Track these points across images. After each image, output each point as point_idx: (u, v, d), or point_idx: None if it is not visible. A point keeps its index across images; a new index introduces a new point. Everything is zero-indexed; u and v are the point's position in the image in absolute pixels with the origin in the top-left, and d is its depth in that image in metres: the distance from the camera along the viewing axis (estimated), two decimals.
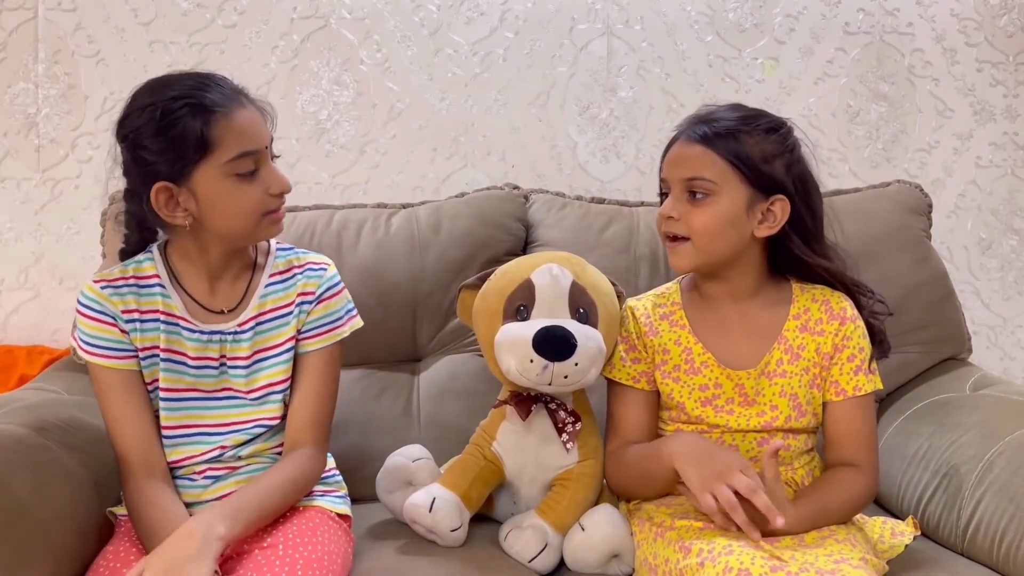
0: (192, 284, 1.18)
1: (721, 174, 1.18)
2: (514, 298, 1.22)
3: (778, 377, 1.22)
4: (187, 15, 1.87)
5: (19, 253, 1.89)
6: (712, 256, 1.21)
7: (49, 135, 1.88)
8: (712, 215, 1.18)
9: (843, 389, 1.22)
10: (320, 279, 1.22)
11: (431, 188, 1.90)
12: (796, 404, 1.22)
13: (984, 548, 1.18)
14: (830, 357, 1.23)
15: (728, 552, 1.01)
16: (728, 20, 1.93)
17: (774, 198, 1.20)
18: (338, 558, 1.12)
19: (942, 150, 1.97)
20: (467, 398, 1.51)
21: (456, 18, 1.90)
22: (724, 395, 1.23)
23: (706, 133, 1.20)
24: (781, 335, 1.23)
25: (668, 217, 1.21)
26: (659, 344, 1.26)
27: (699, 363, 1.24)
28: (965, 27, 1.95)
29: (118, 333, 1.14)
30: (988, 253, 1.99)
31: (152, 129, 1.07)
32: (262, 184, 1.12)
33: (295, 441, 1.19)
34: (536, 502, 1.25)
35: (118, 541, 1.12)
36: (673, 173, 1.22)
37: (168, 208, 1.10)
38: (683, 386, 1.24)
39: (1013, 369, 1.99)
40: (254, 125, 1.11)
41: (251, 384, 1.19)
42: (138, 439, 1.14)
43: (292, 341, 1.20)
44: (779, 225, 1.21)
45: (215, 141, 1.07)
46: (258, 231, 1.14)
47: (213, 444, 1.18)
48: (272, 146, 1.15)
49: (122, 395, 1.14)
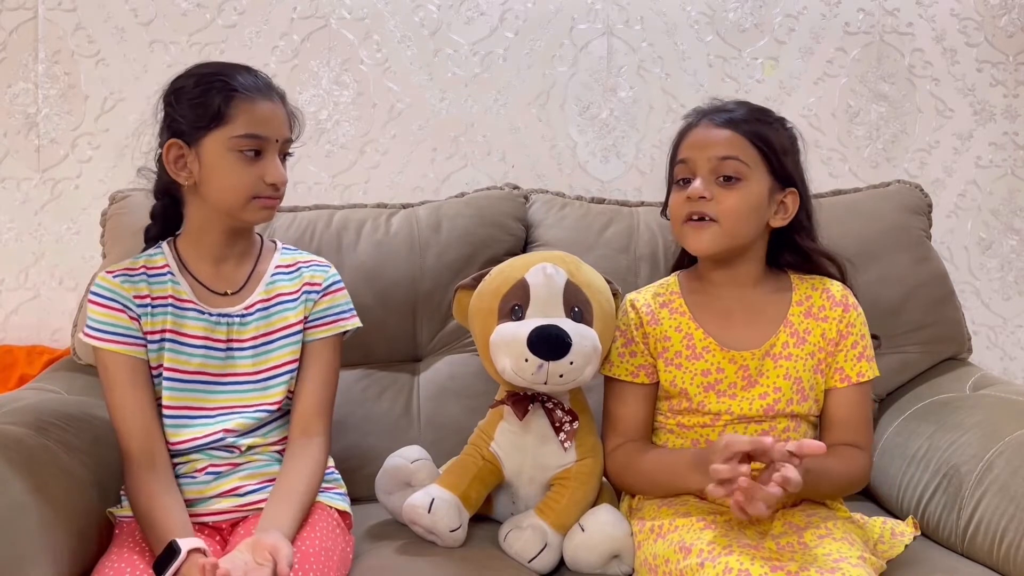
0: (198, 267, 1.24)
1: (751, 158, 1.21)
2: (509, 298, 1.22)
3: (783, 360, 1.23)
4: (187, 15, 1.87)
5: (19, 253, 1.89)
6: (735, 240, 1.22)
7: (49, 135, 1.88)
8: (743, 197, 1.20)
9: (847, 375, 1.24)
10: (325, 273, 1.29)
11: (431, 188, 1.90)
12: (799, 388, 1.23)
13: (984, 548, 1.18)
14: (835, 344, 1.24)
15: (728, 552, 1.01)
16: (728, 20, 1.93)
17: (788, 190, 1.24)
18: (335, 554, 1.12)
19: (942, 150, 1.96)
20: (467, 398, 1.51)
21: (456, 18, 1.90)
22: (727, 379, 1.23)
23: (732, 118, 1.23)
24: (787, 319, 1.25)
25: (700, 197, 1.20)
26: (660, 332, 1.27)
27: (700, 348, 1.24)
28: (965, 27, 1.95)
29: (128, 320, 1.18)
30: (988, 253, 1.99)
31: (187, 92, 1.18)
32: (260, 169, 1.18)
33: (305, 428, 1.22)
34: (535, 502, 1.25)
35: (120, 544, 1.12)
36: (701, 154, 1.22)
37: (176, 165, 1.19)
38: (685, 372, 1.25)
39: (1013, 369, 1.99)
40: (271, 116, 1.19)
41: (259, 365, 1.23)
42: (142, 428, 1.16)
43: (299, 326, 1.24)
44: (790, 217, 1.25)
45: (229, 116, 1.16)
46: (246, 211, 1.20)
47: (215, 427, 1.19)
48: (286, 147, 1.23)
49: (128, 382, 1.17)
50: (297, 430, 1.22)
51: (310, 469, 1.19)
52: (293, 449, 1.21)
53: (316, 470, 1.19)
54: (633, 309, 1.30)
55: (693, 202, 1.21)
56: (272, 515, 1.11)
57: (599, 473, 1.28)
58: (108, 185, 1.82)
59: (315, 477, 1.19)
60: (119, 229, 1.55)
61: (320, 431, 1.23)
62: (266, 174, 1.18)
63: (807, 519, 1.14)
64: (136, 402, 1.16)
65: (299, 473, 1.18)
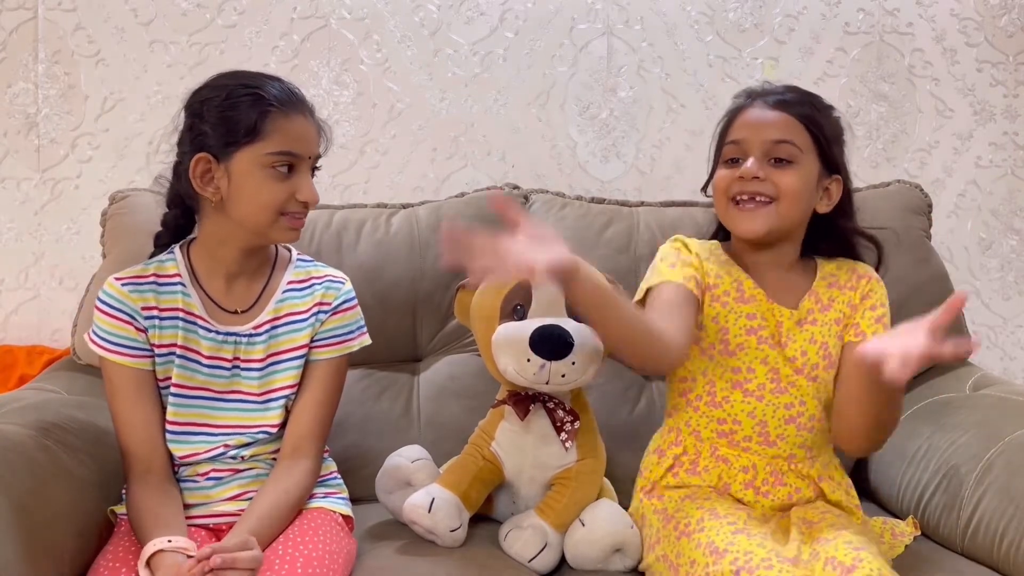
0: (210, 283, 1.21)
1: (804, 142, 1.20)
2: (511, 297, 1.22)
3: (809, 324, 1.23)
4: (187, 15, 1.87)
5: (19, 253, 1.89)
6: (787, 222, 1.22)
7: (49, 135, 1.88)
8: (799, 177, 1.20)
9: (863, 331, 1.23)
10: (338, 292, 1.25)
11: (431, 188, 1.90)
12: (826, 354, 1.23)
13: (984, 548, 1.18)
14: (855, 307, 1.25)
15: (767, 567, 0.99)
16: (728, 20, 1.93)
17: (833, 177, 1.24)
18: (340, 557, 1.12)
19: (942, 150, 1.96)
20: (467, 398, 1.51)
21: (456, 18, 1.90)
22: (768, 328, 1.23)
23: (785, 100, 1.22)
24: (812, 289, 1.25)
25: (755, 177, 1.19)
26: (711, 269, 1.25)
27: (749, 294, 1.24)
28: (965, 27, 1.95)
29: (134, 331, 1.16)
30: (988, 253, 1.99)
31: (215, 104, 1.13)
32: (292, 187, 1.15)
33: (295, 447, 1.20)
34: (535, 502, 1.25)
35: (118, 541, 1.13)
36: (755, 135, 1.21)
37: (202, 180, 1.14)
38: (731, 311, 1.23)
39: (1013, 369, 1.99)
40: (306, 134, 1.16)
41: (264, 387, 1.21)
42: (144, 439, 1.16)
43: (305, 348, 1.22)
44: (833, 204, 1.25)
45: (265, 132, 1.12)
46: (273, 230, 1.16)
47: (216, 443, 1.19)
48: (316, 162, 1.19)
49: (132, 394, 1.16)
50: (287, 448, 1.20)
51: (289, 495, 1.15)
52: (278, 470, 1.19)
53: (295, 496, 1.16)
54: (684, 245, 1.27)
55: (745, 182, 1.19)
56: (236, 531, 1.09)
57: (600, 473, 1.28)
58: (108, 185, 1.82)
59: (290, 506, 1.15)
60: (119, 229, 1.54)
61: (310, 454, 1.19)
62: (299, 191, 1.14)
63: (821, 516, 1.14)
64: (138, 413, 1.16)
65: (276, 495, 1.14)
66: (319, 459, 1.22)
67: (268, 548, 1.09)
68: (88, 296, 1.51)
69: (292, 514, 1.16)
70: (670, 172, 1.93)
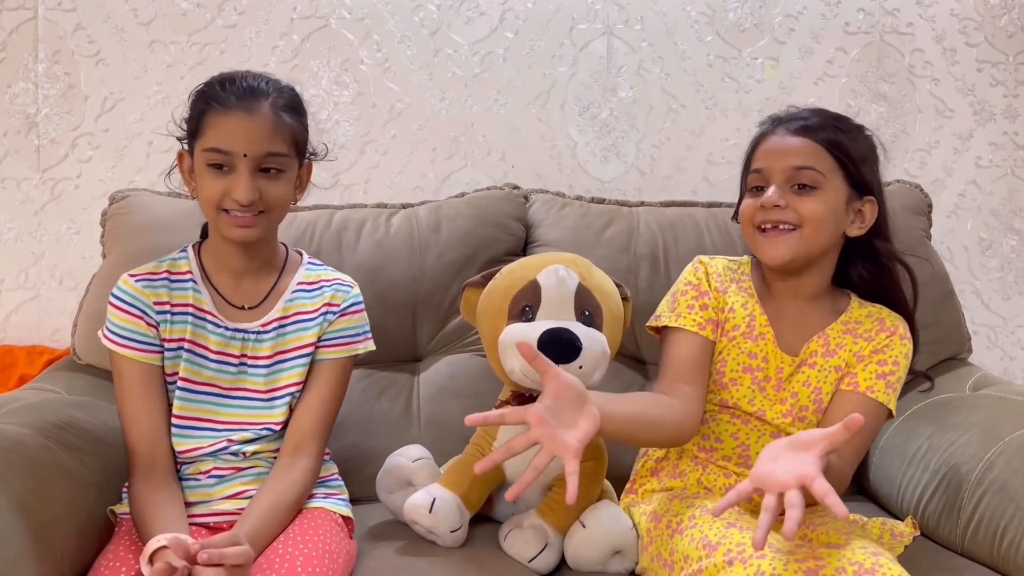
0: (218, 279, 1.24)
1: (828, 167, 1.19)
2: (520, 298, 1.22)
3: (807, 367, 1.23)
4: (187, 15, 1.87)
5: (19, 253, 1.89)
6: (812, 248, 1.20)
7: (49, 135, 1.88)
8: (822, 203, 1.19)
9: (856, 382, 1.21)
10: (347, 294, 1.27)
11: (431, 188, 1.90)
12: (817, 399, 1.22)
13: (984, 548, 1.18)
14: (862, 358, 1.22)
15: (760, 556, 0.99)
16: (728, 20, 1.93)
17: (866, 199, 1.22)
18: (340, 557, 1.12)
19: (942, 150, 1.96)
20: (467, 398, 1.51)
21: (456, 18, 1.90)
22: (766, 371, 1.23)
23: (807, 126, 1.21)
24: (824, 332, 1.24)
25: (775, 206, 1.19)
26: (727, 302, 1.25)
27: (758, 332, 1.24)
28: (965, 27, 1.95)
29: (145, 327, 1.18)
30: (988, 253, 1.99)
31: (190, 102, 1.20)
32: (228, 185, 1.16)
33: (297, 445, 1.20)
34: (536, 502, 1.25)
35: (118, 541, 1.13)
36: (776, 163, 1.21)
37: (187, 174, 1.22)
38: (735, 347, 1.24)
39: (1013, 369, 1.99)
40: (240, 130, 1.14)
41: (270, 384, 1.22)
42: (149, 434, 1.17)
43: (312, 347, 1.23)
44: (867, 226, 1.23)
45: (203, 129, 1.16)
46: (221, 228, 1.19)
47: (219, 438, 1.20)
48: (271, 161, 1.16)
49: (140, 388, 1.18)
50: (288, 446, 1.21)
51: (289, 493, 1.15)
52: (278, 467, 1.19)
53: (295, 494, 1.16)
54: (705, 272, 1.27)
55: (767, 210, 1.20)
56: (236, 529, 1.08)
57: (601, 474, 1.28)
58: (108, 185, 1.83)
59: (289, 504, 1.15)
60: (119, 229, 1.55)
61: (311, 452, 1.20)
62: (232, 190, 1.14)
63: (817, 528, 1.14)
64: (145, 408, 1.17)
65: (276, 493, 1.15)
66: (319, 458, 1.23)
67: (268, 547, 1.09)
68: (88, 296, 1.52)
69: (292, 512, 1.16)
70: (670, 172, 1.93)
